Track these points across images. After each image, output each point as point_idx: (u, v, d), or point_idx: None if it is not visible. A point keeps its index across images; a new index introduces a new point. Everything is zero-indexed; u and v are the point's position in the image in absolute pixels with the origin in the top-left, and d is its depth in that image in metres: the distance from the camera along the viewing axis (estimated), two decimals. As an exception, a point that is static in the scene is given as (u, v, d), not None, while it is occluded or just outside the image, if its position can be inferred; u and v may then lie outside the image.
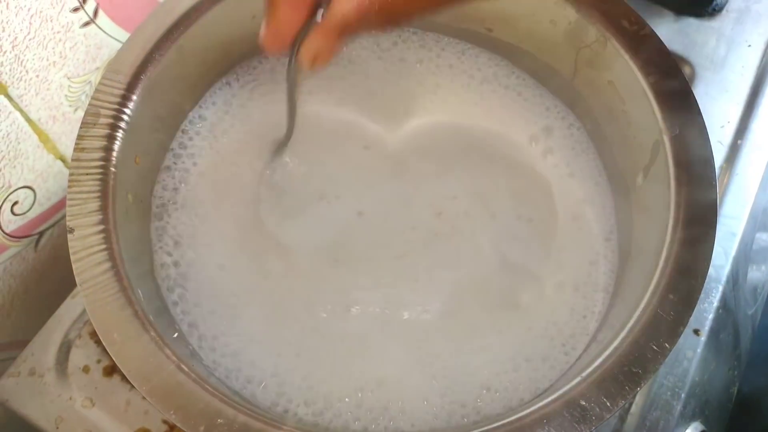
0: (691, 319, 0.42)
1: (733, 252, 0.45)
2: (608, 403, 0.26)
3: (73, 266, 0.29)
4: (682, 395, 0.40)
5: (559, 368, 0.33)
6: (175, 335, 0.30)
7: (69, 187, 0.30)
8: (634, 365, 0.27)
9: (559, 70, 0.40)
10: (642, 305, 0.28)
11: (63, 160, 0.46)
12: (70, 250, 0.29)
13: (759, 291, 0.55)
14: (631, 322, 0.28)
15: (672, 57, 0.34)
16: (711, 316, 0.43)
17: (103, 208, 0.30)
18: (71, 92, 0.44)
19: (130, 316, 0.28)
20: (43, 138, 0.44)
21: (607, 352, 0.27)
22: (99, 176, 0.31)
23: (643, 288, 0.29)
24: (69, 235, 0.29)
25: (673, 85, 0.33)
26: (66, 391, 0.39)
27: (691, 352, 0.42)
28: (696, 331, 0.42)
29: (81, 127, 0.32)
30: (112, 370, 0.39)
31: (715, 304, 0.43)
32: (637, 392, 0.27)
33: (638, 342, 0.27)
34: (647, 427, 0.39)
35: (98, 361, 0.39)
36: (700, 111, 0.33)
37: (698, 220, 0.29)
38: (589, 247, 0.37)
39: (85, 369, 0.39)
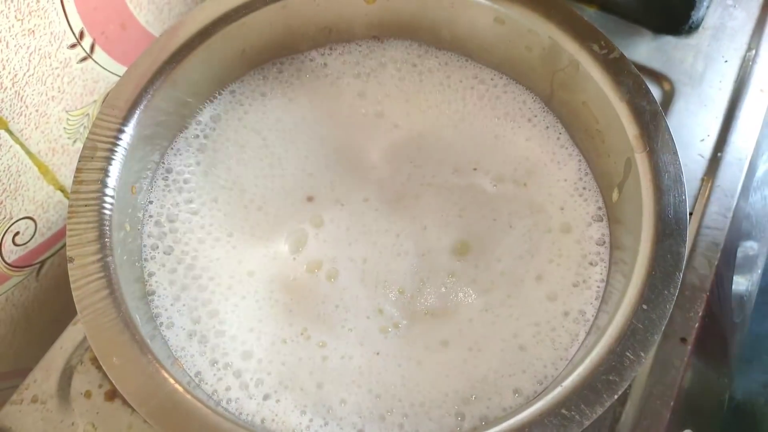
0: (678, 328, 0.43)
1: (716, 261, 0.46)
2: (587, 411, 0.27)
3: (73, 294, 0.30)
4: (671, 403, 0.41)
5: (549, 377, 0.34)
6: (170, 357, 0.31)
7: (68, 218, 0.32)
8: (611, 374, 0.28)
9: (537, 92, 0.42)
10: (617, 316, 0.29)
11: (62, 190, 0.47)
12: (70, 279, 0.30)
13: (746, 299, 0.56)
14: (608, 331, 0.29)
15: (642, 78, 0.36)
16: (697, 325, 0.43)
17: (101, 238, 0.31)
18: (70, 125, 0.46)
19: (128, 340, 0.29)
20: (43, 170, 0.45)
21: (585, 362, 0.28)
22: (97, 207, 0.32)
23: (619, 298, 0.30)
24: (69, 264, 0.30)
25: (643, 105, 0.34)
26: (68, 417, 0.39)
27: (679, 360, 0.42)
28: (683, 340, 0.43)
29: (79, 161, 0.33)
30: (113, 394, 0.40)
31: (701, 312, 0.44)
32: (615, 399, 0.28)
33: (614, 351, 0.28)
34: (638, 436, 0.40)
35: (100, 386, 0.40)
36: (669, 129, 0.34)
37: (670, 233, 0.31)
38: (580, 258, 0.38)
39: (87, 394, 0.40)
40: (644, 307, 0.29)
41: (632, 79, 0.35)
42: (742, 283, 0.55)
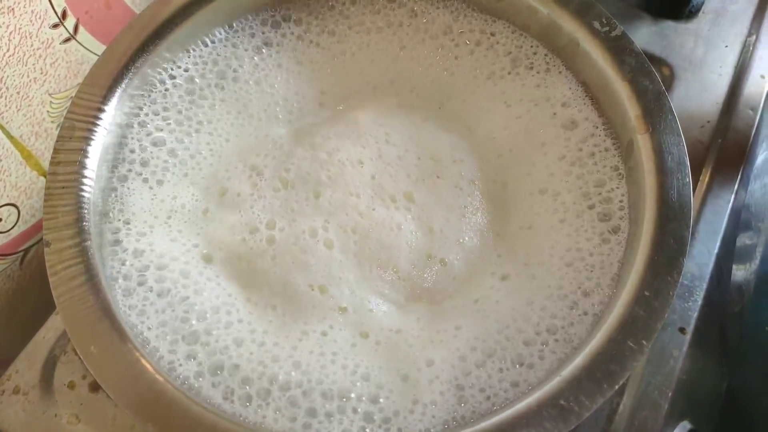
0: (677, 317, 0.42)
1: (715, 250, 0.45)
2: (587, 402, 0.26)
3: (50, 279, 0.29)
4: (670, 394, 0.40)
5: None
6: (147, 346, 0.30)
7: (45, 200, 0.30)
8: (612, 363, 0.27)
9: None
10: (618, 303, 0.28)
11: (46, 176, 0.46)
12: (47, 264, 0.29)
13: (744, 289, 0.55)
14: (609, 319, 0.28)
15: (644, 57, 0.34)
16: (696, 315, 0.43)
17: (79, 222, 0.30)
18: (53, 108, 0.45)
19: (107, 329, 0.28)
20: (26, 155, 0.44)
21: (584, 351, 0.27)
22: (75, 189, 0.31)
23: (621, 286, 0.29)
24: (45, 249, 0.29)
25: (646, 84, 0.33)
26: (51, 408, 0.38)
27: (677, 350, 0.42)
28: (681, 330, 0.42)
29: (57, 141, 0.32)
30: (97, 385, 0.39)
31: (700, 302, 0.43)
32: (615, 390, 0.27)
33: (615, 340, 0.27)
34: (636, 427, 0.39)
35: (84, 377, 0.39)
36: (673, 109, 0.33)
37: (673, 217, 0.30)
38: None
39: (71, 385, 0.39)
40: (646, 293, 0.28)
41: (635, 58, 0.34)
42: (740, 273, 0.55)
